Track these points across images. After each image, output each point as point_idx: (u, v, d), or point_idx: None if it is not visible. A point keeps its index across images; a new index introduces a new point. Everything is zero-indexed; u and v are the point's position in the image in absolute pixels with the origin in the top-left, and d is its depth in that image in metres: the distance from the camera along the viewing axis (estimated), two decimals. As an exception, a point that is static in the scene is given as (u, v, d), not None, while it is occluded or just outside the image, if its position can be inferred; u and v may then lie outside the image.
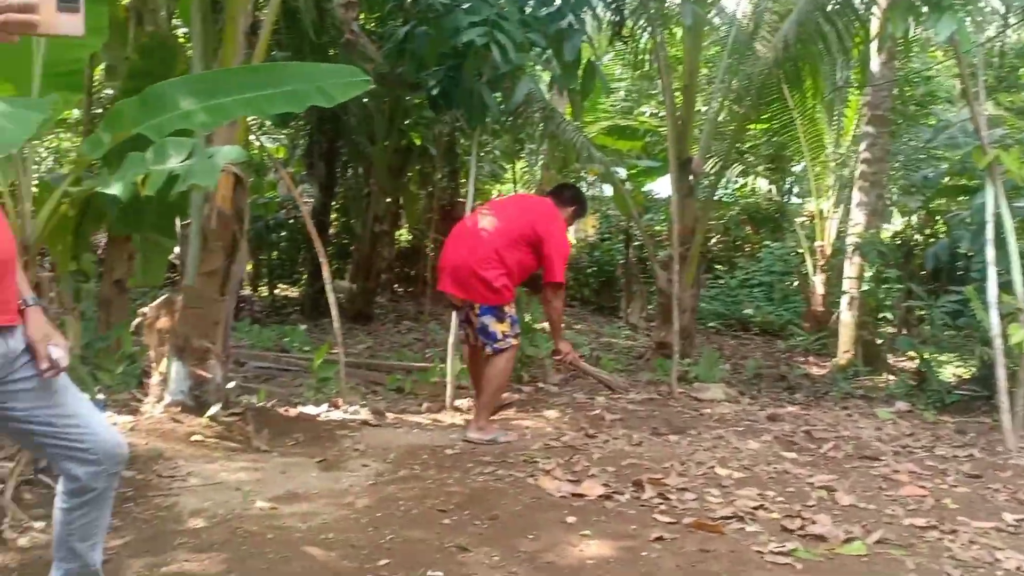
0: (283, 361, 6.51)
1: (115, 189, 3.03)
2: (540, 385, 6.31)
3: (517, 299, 4.99)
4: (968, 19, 5.35)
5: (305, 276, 10.99)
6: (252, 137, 9.32)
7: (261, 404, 4.78)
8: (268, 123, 11.56)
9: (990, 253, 5.38)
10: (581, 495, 3.64)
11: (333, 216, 11.76)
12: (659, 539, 3.17)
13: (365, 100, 9.27)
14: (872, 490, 4.13)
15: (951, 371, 7.91)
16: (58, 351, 2.01)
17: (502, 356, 4.68)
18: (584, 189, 14.23)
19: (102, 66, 6.46)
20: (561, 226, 4.89)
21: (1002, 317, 5.31)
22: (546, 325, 8.69)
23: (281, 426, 4.43)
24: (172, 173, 2.97)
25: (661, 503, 3.64)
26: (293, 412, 4.79)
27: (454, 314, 5.37)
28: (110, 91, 7.94)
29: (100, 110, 7.62)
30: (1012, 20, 9.55)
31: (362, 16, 8.83)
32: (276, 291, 11.76)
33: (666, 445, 4.72)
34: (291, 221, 11.48)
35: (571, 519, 3.33)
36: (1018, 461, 4.81)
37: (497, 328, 4.64)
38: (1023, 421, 5.35)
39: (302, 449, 4.10)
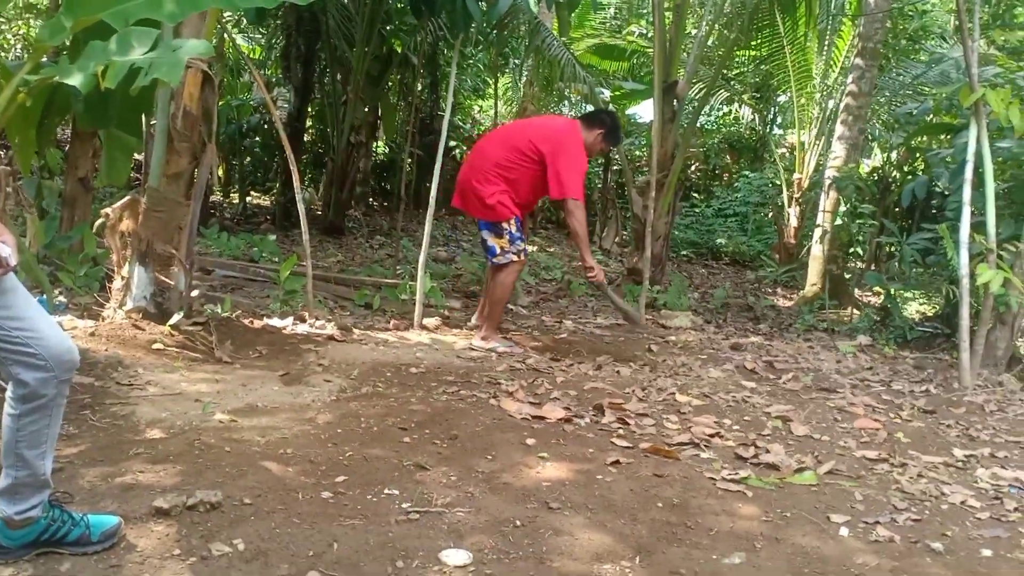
0: (251, 271, 6.40)
1: (74, 80, 2.86)
2: (510, 307, 6.31)
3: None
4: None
5: (278, 184, 10.80)
6: (227, 36, 9.03)
7: (226, 314, 4.73)
8: (244, 21, 11.19)
9: (967, 193, 5.37)
10: (542, 417, 3.67)
11: (308, 123, 11.50)
12: (615, 463, 3.21)
13: (345, 1, 8.97)
14: (827, 422, 4.21)
15: (915, 308, 8.01)
16: (6, 248, 1.91)
17: (503, 271, 4.92)
18: (567, 109, 14.06)
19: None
20: (572, 143, 4.89)
21: (972, 257, 5.35)
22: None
23: (245, 338, 4.39)
24: (134, 65, 2.83)
25: (620, 428, 3.68)
26: (258, 324, 4.74)
27: (427, 230, 5.34)
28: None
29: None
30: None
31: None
32: (248, 198, 11.57)
33: (629, 371, 4.77)
34: (265, 126, 11.22)
35: (530, 441, 3.36)
36: (972, 399, 4.92)
37: (495, 243, 4.89)
38: (981, 360, 5.45)
39: (265, 362, 4.07)
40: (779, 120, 12.53)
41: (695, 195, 13.32)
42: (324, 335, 4.69)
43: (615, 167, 12.09)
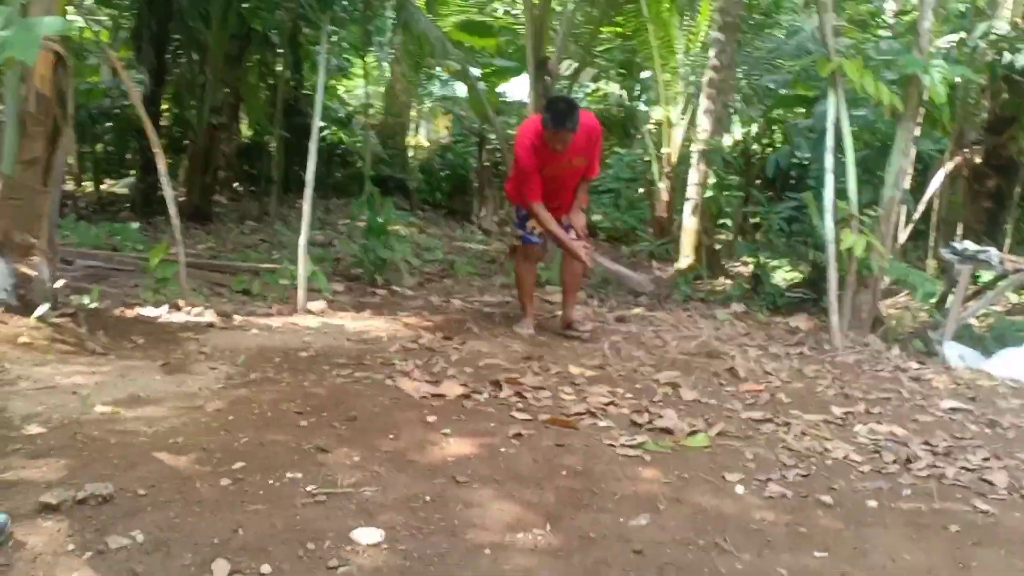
0: (116, 260, 6.03)
1: (-83, 62, 2.65)
2: (395, 288, 6.21)
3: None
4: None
5: (135, 170, 10.23)
6: (71, 17, 8.45)
7: (95, 305, 4.44)
8: (88, 1, 10.49)
9: (829, 160, 5.64)
10: (440, 395, 3.64)
11: (164, 107, 10.93)
12: (517, 435, 3.23)
13: (199, -23, 8.55)
14: (713, 386, 4.37)
15: (782, 276, 8.40)
16: None
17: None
18: (437, 88, 13.94)
19: None
20: (520, 143, 4.85)
21: (836, 223, 5.63)
22: (399, 228, 8.59)
23: (118, 328, 4.14)
24: (-14, 44, 2.64)
25: (518, 401, 3.70)
26: (131, 313, 4.48)
27: (306, 211, 5.17)
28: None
29: None
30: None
31: None
32: (102, 187, 10.91)
33: (521, 346, 4.79)
34: (117, 111, 10.57)
35: (431, 418, 3.33)
36: (844, 358, 5.21)
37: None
38: (848, 323, 5.77)
39: (143, 352, 3.84)
40: (645, 96, 12.79)
41: (567, 173, 13.43)
42: (203, 322, 4.47)
43: (489, 146, 12.07)
